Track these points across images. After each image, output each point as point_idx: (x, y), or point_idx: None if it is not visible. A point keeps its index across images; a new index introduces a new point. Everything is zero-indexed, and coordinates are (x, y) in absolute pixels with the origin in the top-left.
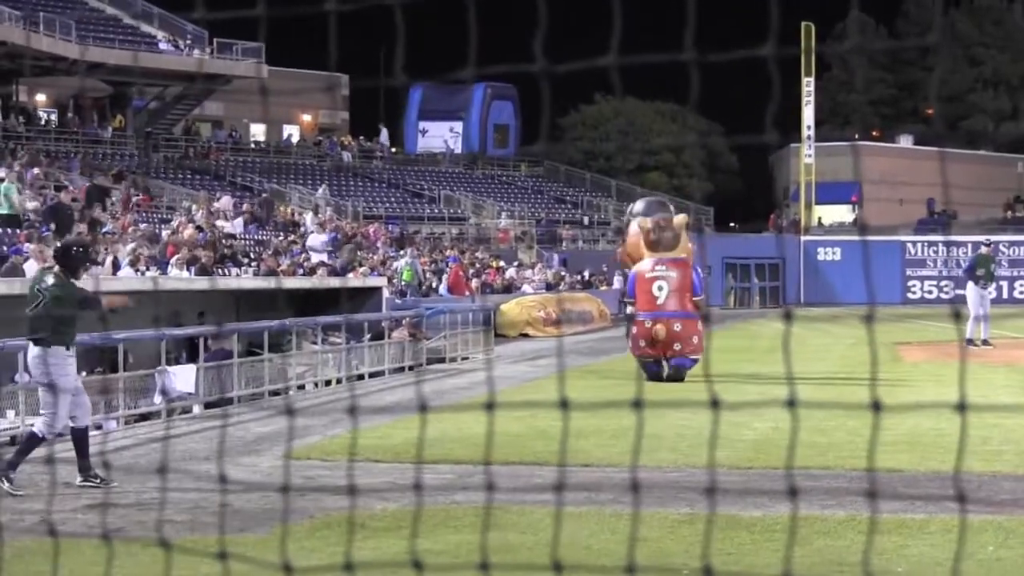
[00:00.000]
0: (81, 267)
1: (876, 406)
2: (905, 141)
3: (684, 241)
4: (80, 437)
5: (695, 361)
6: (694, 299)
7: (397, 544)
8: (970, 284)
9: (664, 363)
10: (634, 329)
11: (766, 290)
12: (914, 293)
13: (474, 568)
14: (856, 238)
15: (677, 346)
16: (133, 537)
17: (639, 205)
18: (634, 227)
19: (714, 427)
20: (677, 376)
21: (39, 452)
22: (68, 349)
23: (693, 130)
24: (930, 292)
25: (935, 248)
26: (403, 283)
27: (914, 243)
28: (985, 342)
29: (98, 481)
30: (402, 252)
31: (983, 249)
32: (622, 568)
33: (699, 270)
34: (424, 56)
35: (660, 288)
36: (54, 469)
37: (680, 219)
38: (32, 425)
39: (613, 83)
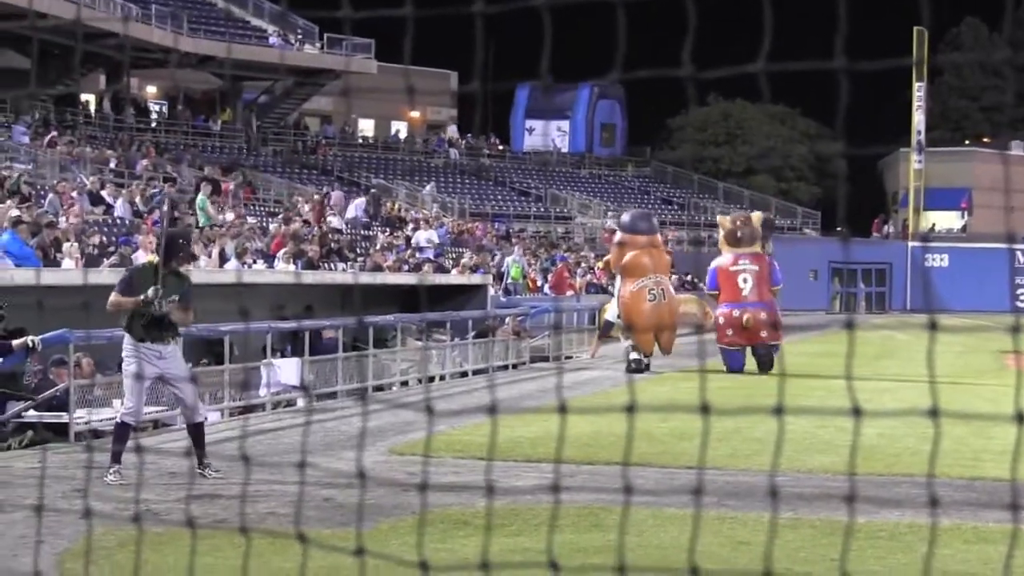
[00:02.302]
0: (183, 258)
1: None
2: (1017, 148)
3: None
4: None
5: (779, 347)
6: (773, 288)
7: (501, 542)
8: None
9: (750, 351)
10: (721, 319)
11: (872, 295)
12: (1023, 301)
13: (576, 569)
14: (965, 244)
15: (764, 333)
16: (236, 527)
17: (626, 217)
18: (620, 237)
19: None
20: (769, 361)
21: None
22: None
23: (803, 133)
24: None
25: None
26: (511, 281)
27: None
28: None
29: (207, 471)
30: (507, 249)
31: None
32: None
33: (775, 263)
34: (532, 56)
35: (745, 280)
36: (161, 458)
37: (757, 216)
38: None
39: (726, 86)
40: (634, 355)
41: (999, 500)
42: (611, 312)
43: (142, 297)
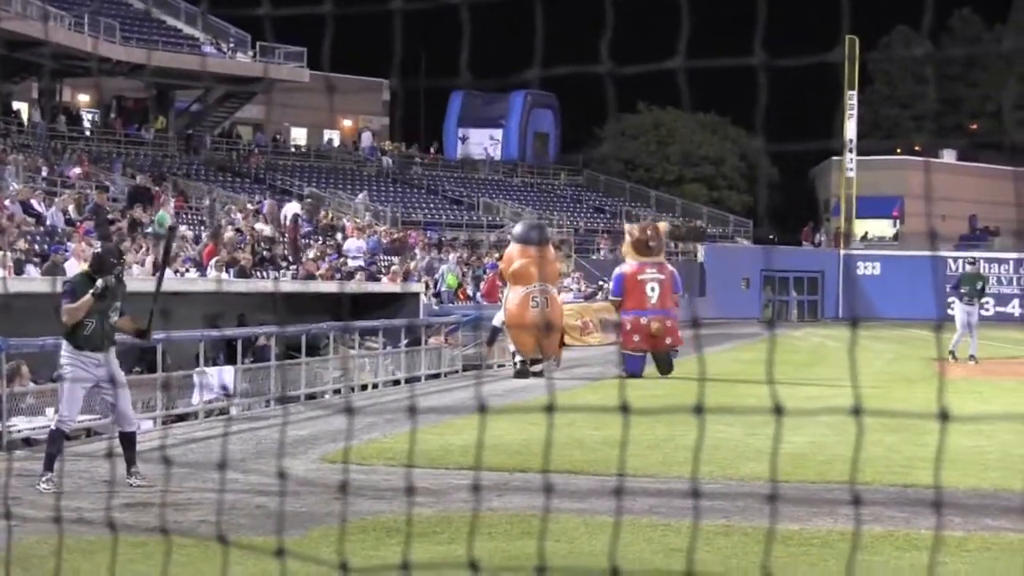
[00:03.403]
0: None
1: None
2: (948, 156)
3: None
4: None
5: (677, 351)
6: (675, 297)
7: (431, 550)
8: (956, 301)
9: (651, 356)
10: (628, 326)
11: (804, 303)
12: (952, 309)
13: (498, 568)
14: (897, 252)
15: (668, 340)
16: (170, 535)
17: (518, 228)
18: (513, 248)
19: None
20: (669, 364)
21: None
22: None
23: (734, 142)
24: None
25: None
26: (446, 289)
27: (955, 259)
28: (971, 358)
29: (135, 479)
30: (440, 257)
31: (968, 268)
32: None
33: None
34: (467, 60)
35: (653, 289)
36: (94, 466)
37: (664, 226)
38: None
39: (656, 92)
40: (519, 358)
41: (930, 507)
42: (498, 319)
43: (92, 291)
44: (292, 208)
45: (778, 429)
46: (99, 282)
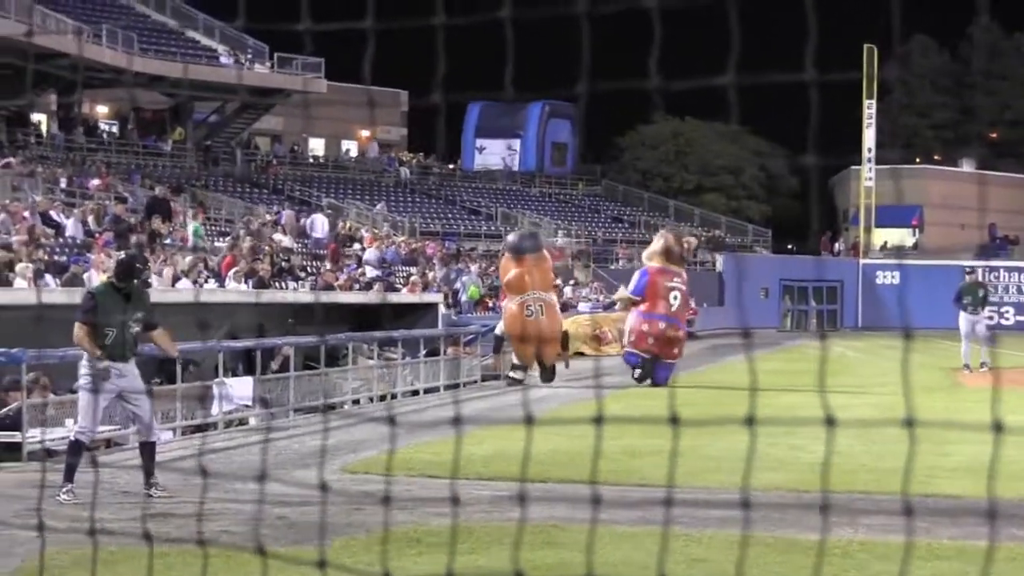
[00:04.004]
0: (140, 280)
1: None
2: (967, 165)
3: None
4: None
5: (676, 366)
6: (691, 310)
7: (454, 560)
8: (960, 312)
9: (655, 363)
10: (645, 326)
11: (823, 313)
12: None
13: None
14: (915, 262)
15: (675, 350)
16: (192, 544)
17: (511, 238)
18: (506, 258)
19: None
20: (665, 382)
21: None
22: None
23: (753, 152)
24: (990, 318)
25: (996, 274)
26: (467, 299)
27: (974, 268)
28: (983, 365)
29: (154, 490)
30: (461, 268)
31: (967, 277)
32: None
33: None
34: (483, 73)
35: (675, 297)
36: (114, 476)
37: (693, 242)
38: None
39: (673, 103)
40: (516, 373)
41: (953, 517)
42: (499, 327)
43: (100, 366)
44: (320, 220)
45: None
46: (101, 366)
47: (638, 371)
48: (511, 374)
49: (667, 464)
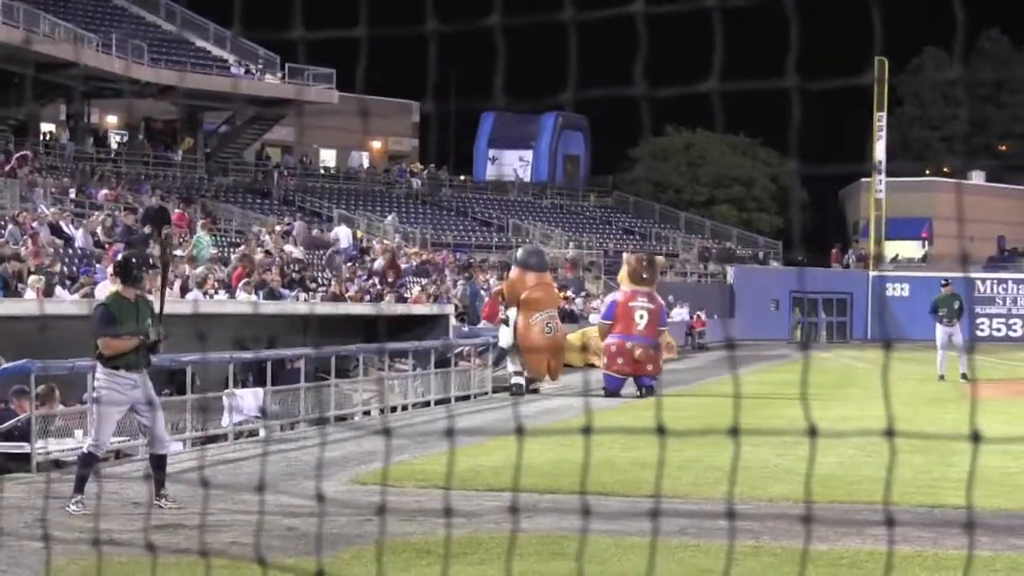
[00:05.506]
0: (142, 279)
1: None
2: (977, 177)
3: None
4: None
5: (657, 380)
6: (660, 329)
7: (463, 571)
8: (936, 323)
9: (633, 380)
10: (614, 348)
11: (833, 325)
12: (982, 331)
13: None
14: (925, 274)
15: (649, 367)
16: (207, 556)
17: (521, 253)
18: (520, 273)
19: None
20: (651, 393)
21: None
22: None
23: (764, 163)
24: (998, 329)
25: (1004, 285)
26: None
27: (983, 280)
28: (964, 376)
29: (164, 502)
30: (477, 281)
31: (942, 289)
32: None
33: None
34: (496, 83)
35: (641, 316)
36: (124, 488)
37: (661, 260)
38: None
39: (686, 114)
40: (517, 380)
41: (959, 527)
42: (504, 340)
43: (142, 338)
44: (343, 232)
45: (813, 450)
46: (151, 333)
47: (609, 392)
48: (515, 381)
49: (677, 475)
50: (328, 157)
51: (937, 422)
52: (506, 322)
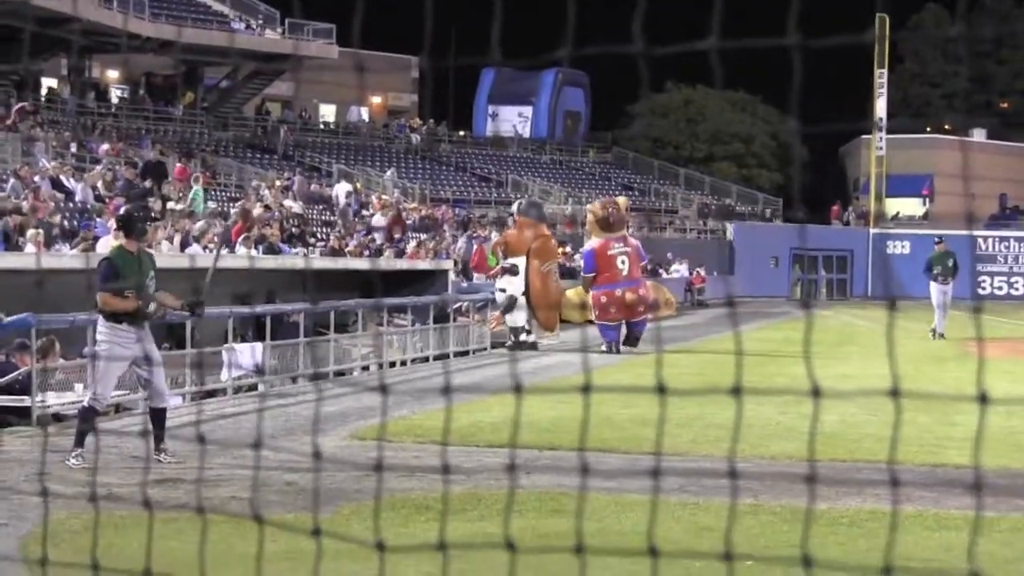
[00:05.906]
0: (145, 232)
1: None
2: (978, 135)
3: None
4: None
5: (646, 323)
6: (643, 265)
7: (462, 527)
8: (931, 282)
9: (624, 327)
10: (604, 299)
11: (833, 282)
12: (984, 289)
13: (537, 552)
14: (926, 231)
15: (640, 308)
16: (199, 511)
17: (524, 203)
18: (523, 222)
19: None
20: (639, 335)
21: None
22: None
23: (764, 120)
24: (1000, 288)
25: (1006, 243)
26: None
27: (985, 238)
28: (940, 335)
29: (163, 456)
30: (480, 236)
31: (936, 247)
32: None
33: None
34: (498, 37)
35: (623, 262)
36: (123, 442)
37: (624, 201)
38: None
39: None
40: (524, 337)
41: (963, 487)
42: (516, 288)
43: (148, 308)
44: (343, 188)
45: (817, 409)
46: (152, 307)
47: (610, 344)
48: (522, 338)
49: (677, 432)
50: (328, 112)
51: (939, 381)
52: (512, 271)
